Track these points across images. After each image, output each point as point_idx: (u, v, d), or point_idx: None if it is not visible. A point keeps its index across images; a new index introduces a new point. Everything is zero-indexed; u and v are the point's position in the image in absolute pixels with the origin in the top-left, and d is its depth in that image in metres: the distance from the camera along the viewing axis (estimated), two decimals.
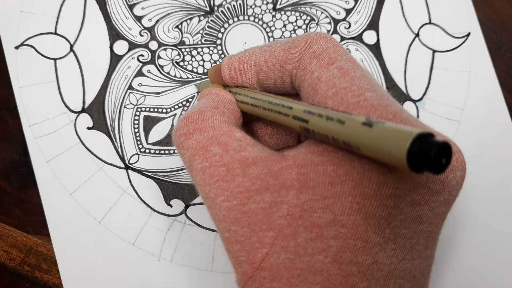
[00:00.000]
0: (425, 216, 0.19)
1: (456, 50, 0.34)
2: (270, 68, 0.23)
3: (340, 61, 0.20)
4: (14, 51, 0.33)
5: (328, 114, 0.18)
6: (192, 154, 0.21)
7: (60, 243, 0.31)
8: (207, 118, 0.21)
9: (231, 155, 0.20)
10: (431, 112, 0.33)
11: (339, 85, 0.19)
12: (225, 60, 0.25)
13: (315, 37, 0.21)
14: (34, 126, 0.32)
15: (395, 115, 0.18)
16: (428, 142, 0.14)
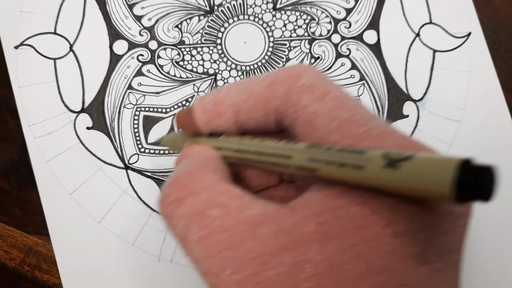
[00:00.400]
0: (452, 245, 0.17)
1: (456, 50, 0.34)
2: (252, 107, 0.20)
3: (333, 91, 0.18)
4: (13, 51, 0.33)
5: (339, 160, 0.15)
6: (187, 222, 0.18)
7: (60, 243, 0.30)
8: (199, 178, 0.19)
9: (234, 217, 0.17)
10: (431, 112, 0.33)
11: (341, 117, 0.17)
12: (196, 102, 0.21)
13: (300, 70, 0.19)
14: (33, 126, 0.32)
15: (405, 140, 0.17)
16: (473, 170, 0.13)
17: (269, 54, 0.34)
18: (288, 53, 0.34)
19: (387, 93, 0.33)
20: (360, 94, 0.33)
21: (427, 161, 0.13)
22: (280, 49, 0.34)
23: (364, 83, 0.33)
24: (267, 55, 0.34)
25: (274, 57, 0.34)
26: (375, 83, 0.33)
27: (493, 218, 0.32)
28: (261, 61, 0.33)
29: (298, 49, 0.34)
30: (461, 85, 0.34)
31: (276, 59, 0.34)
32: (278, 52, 0.34)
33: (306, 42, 0.34)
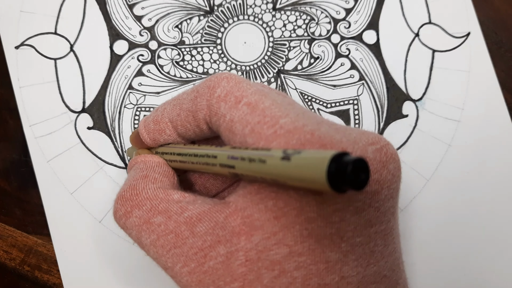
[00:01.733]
0: (373, 218, 0.19)
1: (456, 49, 0.34)
2: (185, 121, 0.23)
3: (246, 96, 0.20)
4: (14, 51, 0.33)
5: (250, 156, 0.18)
6: (138, 231, 0.21)
7: (60, 243, 0.31)
8: (140, 191, 0.22)
9: (175, 220, 0.20)
10: (431, 112, 0.33)
11: (253, 121, 0.20)
12: (140, 124, 0.25)
13: (216, 80, 0.21)
14: (34, 126, 0.32)
15: (312, 134, 0.18)
16: (343, 162, 0.14)
17: (269, 54, 0.34)
18: (287, 53, 0.34)
19: (387, 93, 0.33)
20: (360, 94, 0.33)
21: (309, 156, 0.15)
22: (280, 49, 0.34)
23: (363, 83, 0.33)
24: (267, 55, 0.34)
25: (274, 57, 0.34)
26: (374, 83, 0.33)
27: (493, 218, 0.32)
28: (261, 61, 0.34)
29: (297, 49, 0.34)
30: (460, 85, 0.34)
31: (276, 59, 0.34)
32: (278, 52, 0.34)
33: (305, 42, 0.34)
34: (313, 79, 0.33)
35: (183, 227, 0.20)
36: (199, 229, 0.20)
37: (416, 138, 0.33)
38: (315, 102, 0.33)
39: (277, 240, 0.18)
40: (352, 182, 0.14)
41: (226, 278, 0.19)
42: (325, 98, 0.33)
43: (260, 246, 0.19)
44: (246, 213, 0.19)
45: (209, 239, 0.19)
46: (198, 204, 0.21)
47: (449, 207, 0.32)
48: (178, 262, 0.20)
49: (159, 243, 0.20)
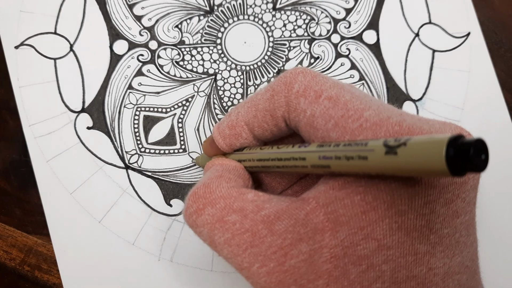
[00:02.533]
0: (459, 209, 0.19)
1: (456, 49, 0.34)
2: (262, 121, 0.22)
3: (326, 90, 0.20)
4: (14, 51, 0.33)
5: (346, 154, 0.17)
6: (210, 229, 0.20)
7: (60, 243, 0.31)
8: (214, 189, 0.21)
9: (251, 218, 0.20)
10: (430, 112, 0.33)
11: (336, 115, 0.19)
12: (214, 131, 0.24)
13: (292, 76, 0.21)
14: (34, 125, 0.32)
15: (400, 125, 0.18)
16: (463, 144, 0.14)
17: (269, 54, 0.34)
18: (288, 53, 0.34)
19: (387, 93, 0.33)
20: None
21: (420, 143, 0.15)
22: (280, 49, 0.34)
23: (363, 83, 0.33)
24: (267, 55, 0.34)
25: (274, 57, 0.34)
26: (374, 83, 0.33)
27: (493, 218, 0.32)
28: (261, 61, 0.34)
29: (297, 49, 0.34)
30: (460, 85, 0.34)
31: (276, 59, 0.34)
32: (278, 52, 0.34)
33: (305, 42, 0.34)
34: None
35: (260, 226, 0.19)
36: (278, 227, 0.19)
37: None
38: None
39: (364, 235, 0.18)
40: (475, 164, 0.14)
41: (310, 276, 0.18)
42: None
43: (346, 242, 0.18)
44: (330, 209, 0.19)
45: (290, 237, 0.19)
46: (274, 202, 0.20)
47: None
48: (256, 262, 0.19)
49: (234, 242, 0.19)
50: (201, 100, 0.33)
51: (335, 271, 0.18)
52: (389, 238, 0.18)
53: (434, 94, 0.34)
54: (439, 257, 0.19)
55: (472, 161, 0.14)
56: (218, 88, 0.33)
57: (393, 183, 0.18)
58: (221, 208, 0.20)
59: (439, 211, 0.18)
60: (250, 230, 0.19)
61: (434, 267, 0.18)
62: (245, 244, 0.19)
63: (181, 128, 0.32)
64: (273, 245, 0.19)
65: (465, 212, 0.19)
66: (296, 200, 0.20)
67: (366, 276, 0.18)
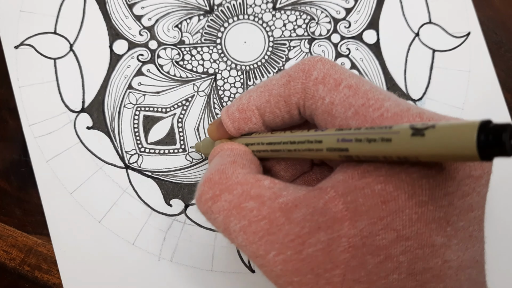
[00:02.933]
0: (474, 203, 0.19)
1: (456, 49, 0.34)
2: (275, 107, 0.22)
3: (345, 79, 0.20)
4: (14, 51, 0.33)
5: (368, 136, 0.17)
6: (226, 216, 0.20)
7: (60, 243, 0.31)
8: (229, 175, 0.20)
9: (269, 206, 0.19)
10: None
11: (356, 103, 0.19)
12: (223, 113, 0.24)
13: (311, 63, 0.21)
14: (33, 125, 0.32)
15: (421, 117, 0.18)
16: (495, 128, 0.14)
17: (269, 54, 0.34)
18: (287, 52, 0.34)
19: None
20: None
21: (450, 127, 0.15)
22: (280, 48, 0.34)
23: None
24: (267, 54, 0.34)
25: (273, 57, 0.34)
26: (374, 82, 0.33)
27: (493, 219, 0.32)
28: (261, 61, 0.34)
29: (297, 49, 0.34)
30: (460, 85, 0.34)
31: (275, 58, 0.34)
32: (278, 51, 0.34)
33: (305, 42, 0.34)
34: None
35: (278, 213, 0.19)
36: (296, 215, 0.19)
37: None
38: None
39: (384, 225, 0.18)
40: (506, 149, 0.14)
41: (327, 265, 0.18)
42: None
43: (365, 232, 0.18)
44: (349, 198, 0.18)
45: (308, 226, 0.18)
46: (292, 190, 0.20)
47: None
48: (272, 249, 0.19)
49: (251, 229, 0.19)
50: (201, 100, 0.33)
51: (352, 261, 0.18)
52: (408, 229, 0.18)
53: (434, 94, 0.34)
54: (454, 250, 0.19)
55: (503, 146, 0.14)
56: (218, 88, 0.33)
57: (414, 173, 0.18)
58: (238, 194, 0.20)
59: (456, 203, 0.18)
60: (268, 217, 0.19)
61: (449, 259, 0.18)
62: (261, 232, 0.19)
63: (181, 128, 0.32)
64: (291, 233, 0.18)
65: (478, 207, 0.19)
66: (313, 189, 0.20)
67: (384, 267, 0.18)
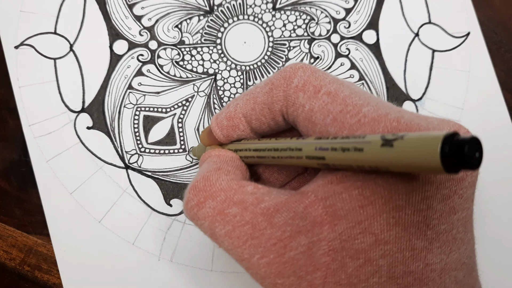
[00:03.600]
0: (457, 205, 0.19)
1: (455, 49, 0.34)
2: (260, 114, 0.23)
3: (325, 86, 0.20)
4: (14, 51, 0.33)
5: (342, 145, 0.18)
6: (211, 222, 0.21)
7: (60, 243, 0.31)
8: (213, 182, 0.21)
9: (252, 211, 0.20)
10: (430, 112, 0.33)
11: (334, 110, 0.19)
12: (213, 121, 0.25)
13: (292, 70, 0.21)
14: (34, 125, 0.32)
15: (398, 121, 0.18)
16: (458, 141, 0.14)
17: (269, 54, 0.34)
18: (287, 53, 0.34)
19: (386, 93, 0.33)
20: None
21: (416, 138, 0.15)
22: (280, 49, 0.34)
23: (363, 82, 0.33)
24: (267, 55, 0.34)
25: (273, 57, 0.34)
26: (374, 83, 0.33)
27: (493, 218, 0.32)
28: (261, 61, 0.34)
29: (297, 49, 0.34)
30: (460, 85, 0.34)
31: (275, 59, 0.34)
32: (278, 52, 0.34)
33: (305, 42, 0.34)
34: None
35: (260, 218, 0.20)
36: (277, 219, 0.19)
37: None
38: None
39: (362, 229, 0.18)
40: (469, 162, 0.14)
41: (308, 268, 0.19)
42: None
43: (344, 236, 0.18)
44: (328, 202, 0.19)
45: (289, 230, 0.19)
46: (274, 195, 0.20)
47: None
48: (256, 253, 0.19)
49: (235, 234, 0.20)
50: (201, 100, 0.33)
51: (333, 263, 0.18)
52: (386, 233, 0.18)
53: (434, 94, 0.34)
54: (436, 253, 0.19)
55: (466, 159, 0.14)
56: (218, 88, 0.33)
57: (390, 178, 0.18)
58: (221, 200, 0.21)
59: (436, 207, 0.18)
60: (250, 222, 0.20)
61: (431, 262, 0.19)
62: (245, 236, 0.20)
63: (181, 128, 0.32)
64: (273, 237, 0.19)
65: (462, 209, 0.19)
66: (295, 193, 0.20)
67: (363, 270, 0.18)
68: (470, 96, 0.34)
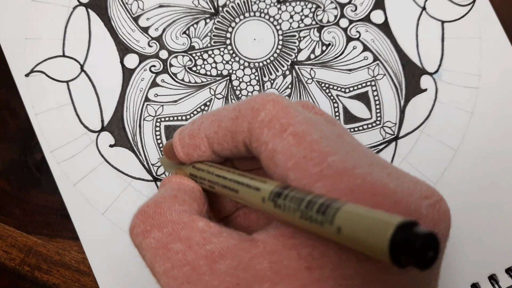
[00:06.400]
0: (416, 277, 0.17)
1: (464, 18, 0.34)
2: (222, 139, 0.21)
3: (293, 125, 0.18)
4: (25, 79, 0.32)
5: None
6: (153, 255, 0.19)
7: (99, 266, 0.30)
8: (164, 210, 0.20)
9: (195, 251, 0.18)
10: (448, 83, 0.33)
11: (297, 155, 0.18)
12: (175, 136, 0.23)
13: (261, 102, 0.19)
14: (55, 151, 0.31)
15: (363, 179, 0.17)
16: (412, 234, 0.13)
17: (280, 48, 0.33)
18: (298, 43, 0.34)
19: (403, 70, 0.33)
20: (376, 75, 0.33)
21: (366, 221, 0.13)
22: (290, 41, 0.34)
23: (378, 63, 0.33)
24: (278, 49, 0.33)
25: (285, 50, 0.33)
26: (389, 61, 0.33)
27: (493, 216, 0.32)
28: (273, 55, 0.33)
29: (308, 39, 0.34)
30: (474, 52, 0.34)
31: (287, 51, 0.33)
32: (289, 44, 0.34)
33: (315, 31, 0.34)
34: (327, 66, 0.33)
35: (202, 261, 0.18)
36: (219, 266, 0.18)
37: (438, 111, 0.33)
38: (333, 89, 0.33)
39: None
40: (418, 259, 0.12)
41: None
42: (342, 84, 0.33)
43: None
44: (275, 257, 0.17)
45: (228, 280, 0.17)
46: (223, 237, 0.19)
47: (481, 174, 0.32)
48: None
49: (172, 273, 0.18)
50: (219, 103, 0.33)
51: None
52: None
53: (449, 64, 0.34)
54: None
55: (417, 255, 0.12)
56: (235, 89, 0.33)
57: None
58: (167, 233, 0.19)
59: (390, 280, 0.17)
60: (191, 263, 0.18)
61: None
62: (181, 278, 0.18)
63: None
64: (210, 286, 0.17)
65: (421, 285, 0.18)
66: (245, 239, 0.19)
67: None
68: (485, 61, 0.34)
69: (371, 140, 0.33)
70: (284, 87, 0.33)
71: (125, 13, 0.33)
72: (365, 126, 0.33)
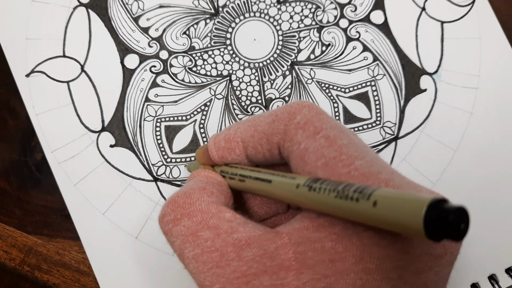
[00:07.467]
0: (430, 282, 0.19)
1: (463, 18, 0.34)
2: (257, 143, 0.23)
3: (325, 129, 0.20)
4: (25, 80, 0.32)
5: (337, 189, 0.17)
6: (182, 241, 0.20)
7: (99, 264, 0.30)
8: (194, 201, 0.21)
9: (223, 239, 0.19)
10: (448, 83, 0.33)
11: (328, 155, 0.19)
12: (211, 140, 0.24)
13: (297, 107, 0.21)
14: (56, 151, 0.31)
15: (387, 183, 0.18)
16: (444, 209, 0.14)
17: (280, 48, 0.34)
18: (298, 44, 0.34)
19: (402, 70, 0.33)
20: (376, 75, 0.33)
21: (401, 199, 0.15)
22: (290, 41, 0.34)
23: (378, 63, 0.33)
24: (278, 49, 0.34)
25: (285, 50, 0.34)
26: (389, 62, 0.33)
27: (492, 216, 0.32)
28: (273, 56, 0.33)
29: (308, 39, 0.34)
30: (473, 52, 0.34)
31: (287, 51, 0.34)
32: (289, 44, 0.34)
33: (315, 31, 0.34)
34: (327, 66, 0.33)
35: (230, 248, 0.19)
36: (246, 253, 0.19)
37: (438, 111, 0.33)
38: (332, 89, 0.33)
39: (327, 284, 0.18)
40: (452, 232, 0.13)
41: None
42: (342, 84, 0.33)
43: (308, 286, 0.18)
44: (300, 248, 0.18)
45: (255, 267, 0.18)
46: (249, 228, 0.20)
47: (480, 174, 0.32)
48: (217, 282, 0.19)
49: (202, 258, 0.19)
50: (220, 103, 0.33)
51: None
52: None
53: (449, 65, 0.34)
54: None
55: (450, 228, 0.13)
56: (235, 89, 0.33)
57: (366, 239, 0.18)
58: (197, 222, 0.20)
59: (408, 278, 0.18)
60: (220, 250, 0.19)
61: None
62: (211, 263, 0.19)
63: (204, 133, 0.32)
64: (238, 270, 0.19)
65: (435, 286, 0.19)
66: (270, 231, 0.20)
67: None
68: (484, 61, 0.34)
69: (371, 140, 0.33)
70: (284, 87, 0.33)
71: (125, 14, 0.33)
72: (365, 126, 0.33)
